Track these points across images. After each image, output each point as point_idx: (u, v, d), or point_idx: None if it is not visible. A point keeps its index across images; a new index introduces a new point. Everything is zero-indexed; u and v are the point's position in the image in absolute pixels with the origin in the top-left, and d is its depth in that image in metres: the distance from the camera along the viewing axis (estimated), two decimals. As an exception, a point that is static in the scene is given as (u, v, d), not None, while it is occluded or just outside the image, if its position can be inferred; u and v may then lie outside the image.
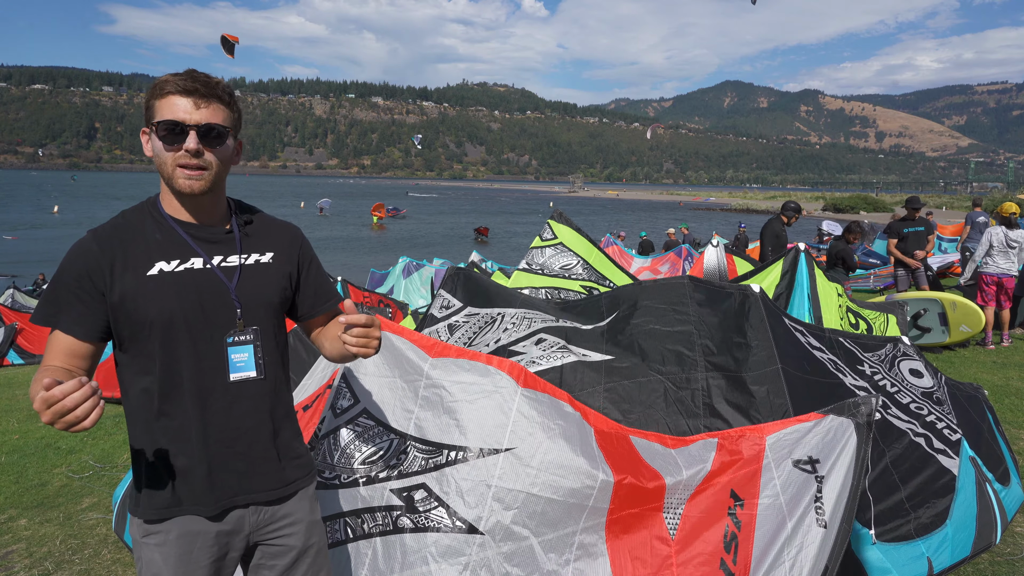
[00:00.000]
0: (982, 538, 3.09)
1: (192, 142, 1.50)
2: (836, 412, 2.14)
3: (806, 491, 2.09)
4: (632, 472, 2.15)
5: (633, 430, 2.23)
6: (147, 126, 1.55)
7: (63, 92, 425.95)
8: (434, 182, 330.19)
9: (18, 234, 36.27)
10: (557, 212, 5.18)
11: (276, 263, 1.68)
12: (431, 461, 2.29)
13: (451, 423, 2.26)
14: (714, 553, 2.09)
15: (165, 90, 1.51)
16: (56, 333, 1.50)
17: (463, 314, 3.43)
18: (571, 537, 2.12)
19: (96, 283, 1.50)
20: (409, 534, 2.27)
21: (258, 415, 1.63)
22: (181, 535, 1.56)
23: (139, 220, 1.59)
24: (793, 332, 3.40)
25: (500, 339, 3.20)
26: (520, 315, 3.33)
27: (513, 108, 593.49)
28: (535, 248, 4.87)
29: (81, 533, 3.63)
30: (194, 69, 1.56)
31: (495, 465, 2.15)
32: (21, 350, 11.28)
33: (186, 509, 1.57)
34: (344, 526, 2.33)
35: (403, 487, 2.32)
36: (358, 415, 2.42)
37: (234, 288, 1.59)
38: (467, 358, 2.30)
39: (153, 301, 1.51)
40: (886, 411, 3.32)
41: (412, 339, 2.36)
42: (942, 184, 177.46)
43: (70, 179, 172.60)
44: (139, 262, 1.53)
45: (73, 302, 1.50)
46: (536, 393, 2.23)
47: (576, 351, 3.05)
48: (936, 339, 7.75)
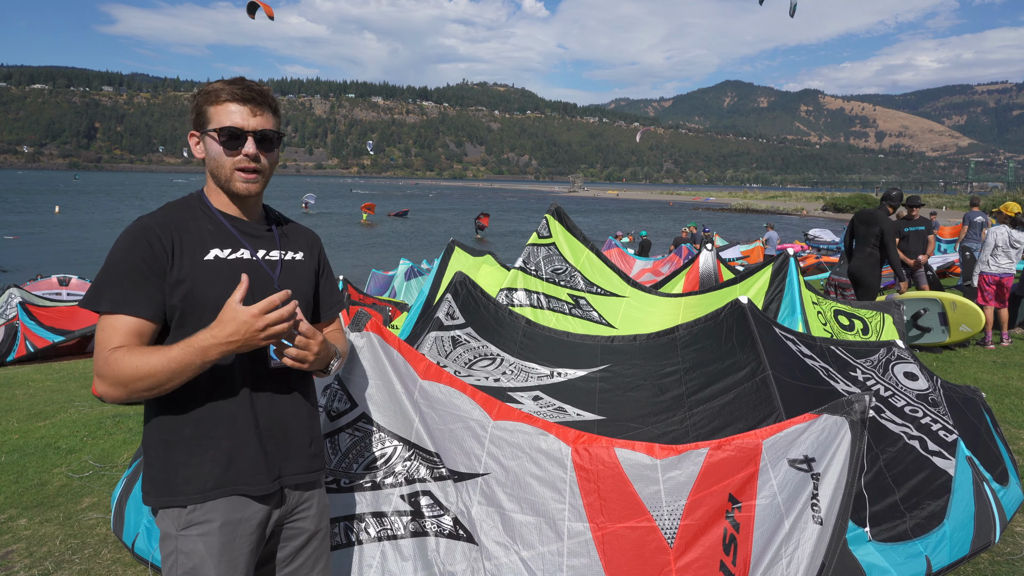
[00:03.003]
0: (980, 537, 3.09)
1: (251, 147, 1.61)
2: (830, 411, 2.16)
3: (802, 490, 2.12)
4: (607, 495, 2.19)
5: (619, 441, 2.26)
6: (197, 130, 1.64)
7: (63, 92, 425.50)
8: (434, 182, 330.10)
9: (19, 234, 36.26)
10: (554, 207, 5.12)
11: (306, 262, 1.81)
12: (435, 471, 2.36)
13: (441, 440, 2.35)
14: (713, 556, 2.11)
15: (221, 97, 1.60)
16: (118, 317, 1.50)
17: (466, 332, 3.48)
18: (558, 557, 2.18)
19: (161, 263, 1.54)
20: (415, 539, 2.32)
21: (295, 403, 1.74)
22: (225, 524, 1.60)
23: (189, 211, 1.65)
24: (784, 341, 3.42)
25: (500, 380, 3.27)
26: (518, 367, 3.41)
27: (513, 108, 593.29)
28: (532, 245, 4.84)
29: (81, 533, 3.63)
30: (243, 77, 1.66)
31: (475, 486, 2.30)
32: (47, 327, 10.67)
33: (237, 489, 1.62)
34: (344, 530, 2.34)
35: (411, 493, 2.37)
36: (356, 419, 2.43)
37: (277, 280, 1.69)
38: (452, 386, 2.38)
39: (210, 285, 1.58)
40: (880, 415, 3.33)
41: (406, 355, 2.39)
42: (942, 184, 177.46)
43: (73, 178, 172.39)
44: (196, 247, 1.59)
45: (141, 283, 1.52)
46: (508, 423, 2.32)
47: (571, 411, 3.11)
48: (936, 339, 7.75)
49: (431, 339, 3.37)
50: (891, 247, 7.23)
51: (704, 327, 3.42)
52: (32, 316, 10.84)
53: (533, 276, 4.61)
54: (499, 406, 2.36)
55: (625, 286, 5.07)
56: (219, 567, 1.59)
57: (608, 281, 5.02)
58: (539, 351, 3.57)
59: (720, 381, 3.04)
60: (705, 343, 3.33)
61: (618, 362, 3.46)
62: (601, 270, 5.06)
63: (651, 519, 2.14)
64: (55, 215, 51.77)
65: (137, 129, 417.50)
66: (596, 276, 4.99)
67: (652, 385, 3.22)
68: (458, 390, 2.38)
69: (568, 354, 3.57)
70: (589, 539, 2.16)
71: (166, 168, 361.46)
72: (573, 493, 2.20)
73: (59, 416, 5.95)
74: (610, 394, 3.24)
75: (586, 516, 2.19)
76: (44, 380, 7.88)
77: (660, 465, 2.17)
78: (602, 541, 2.16)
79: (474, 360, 3.37)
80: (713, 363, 3.17)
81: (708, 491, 2.15)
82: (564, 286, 4.72)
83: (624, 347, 3.57)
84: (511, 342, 3.57)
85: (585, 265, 4.97)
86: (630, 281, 5.17)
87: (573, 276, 4.83)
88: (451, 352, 3.36)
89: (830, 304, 5.61)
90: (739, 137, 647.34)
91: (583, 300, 4.69)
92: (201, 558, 1.57)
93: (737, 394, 2.93)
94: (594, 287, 4.86)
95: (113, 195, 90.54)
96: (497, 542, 2.25)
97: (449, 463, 2.35)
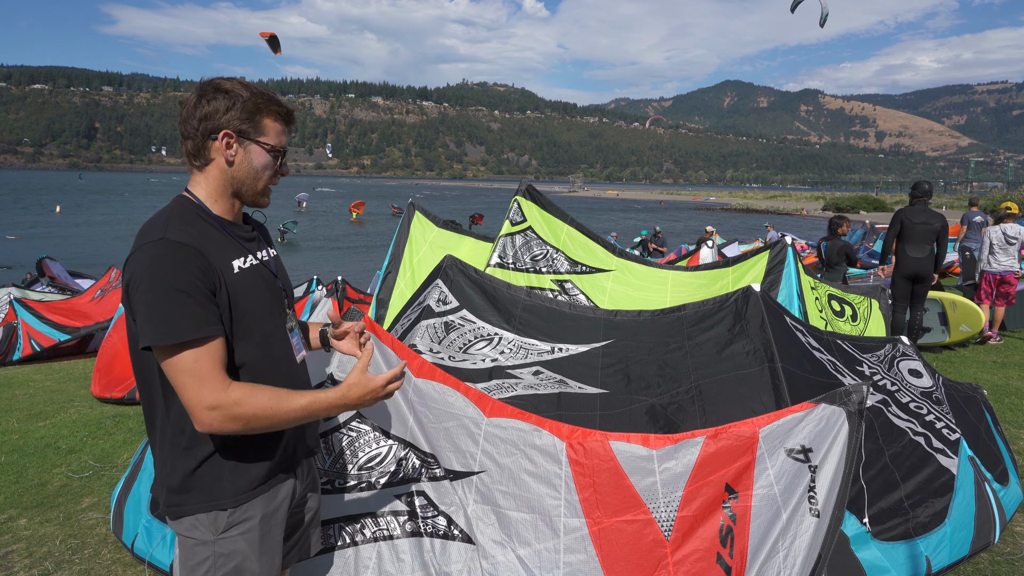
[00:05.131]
0: (980, 537, 3.09)
1: (286, 167, 1.68)
2: (828, 401, 2.14)
3: (799, 480, 2.10)
4: (603, 489, 2.19)
5: (614, 434, 2.24)
6: (236, 132, 1.57)
7: (63, 92, 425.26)
8: (435, 182, 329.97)
9: (22, 234, 36.24)
10: (526, 187, 4.88)
11: (278, 256, 1.89)
12: (430, 471, 2.35)
13: (435, 439, 2.35)
14: (710, 549, 2.09)
15: (273, 110, 1.60)
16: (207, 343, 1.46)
17: (459, 316, 3.38)
18: (555, 554, 2.17)
19: (212, 281, 1.50)
20: (411, 539, 2.31)
21: (307, 381, 1.86)
22: (263, 517, 1.62)
23: (197, 222, 1.58)
24: (794, 331, 3.39)
25: (497, 360, 3.19)
26: (517, 344, 3.32)
27: (513, 108, 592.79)
28: (505, 236, 4.63)
29: (81, 533, 3.63)
30: (276, 93, 1.63)
31: (471, 485, 2.29)
32: (50, 322, 10.35)
33: (280, 478, 1.68)
34: (340, 532, 2.32)
35: (406, 493, 2.35)
36: (350, 419, 2.41)
37: (279, 279, 1.75)
38: (446, 384, 2.37)
39: (245, 295, 1.58)
40: (887, 408, 3.32)
41: (399, 352, 2.38)
42: (942, 184, 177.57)
43: (77, 178, 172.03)
44: (223, 260, 1.56)
45: (206, 302, 1.47)
46: (503, 420, 2.31)
47: (572, 385, 3.07)
48: (936, 339, 7.76)
49: (422, 328, 3.27)
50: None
51: (712, 308, 3.31)
52: (31, 310, 10.59)
53: (511, 270, 4.44)
54: (492, 403, 2.34)
55: (611, 257, 4.93)
56: (261, 560, 1.60)
57: (592, 255, 4.87)
58: (540, 326, 3.46)
59: (728, 360, 2.97)
60: (713, 325, 3.23)
61: (621, 337, 3.36)
62: (584, 244, 4.90)
63: (647, 512, 2.13)
64: (55, 215, 51.76)
65: (137, 129, 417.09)
66: (579, 252, 4.82)
67: (656, 359, 3.13)
68: (451, 388, 2.36)
69: (570, 328, 3.46)
70: (586, 534, 2.15)
71: (166, 168, 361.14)
72: (569, 489, 2.19)
73: (59, 416, 5.95)
74: (612, 368, 3.16)
75: (582, 511, 2.17)
76: (44, 380, 7.87)
77: (656, 456, 2.15)
78: (598, 536, 2.15)
79: (470, 343, 3.27)
80: (721, 345, 3.09)
81: (705, 481, 2.12)
82: (546, 272, 4.56)
83: (628, 322, 3.46)
84: (510, 318, 3.46)
85: (566, 242, 4.80)
86: (615, 251, 5.02)
87: (555, 259, 4.66)
88: (444, 338, 3.26)
89: (825, 288, 5.57)
90: (739, 137, 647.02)
91: (568, 283, 4.54)
92: (244, 555, 1.57)
93: (745, 377, 2.87)
94: (578, 266, 4.70)
95: (118, 195, 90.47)
96: (494, 540, 2.24)
97: (444, 462, 2.34)
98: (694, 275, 4.98)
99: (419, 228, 5.27)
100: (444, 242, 5.21)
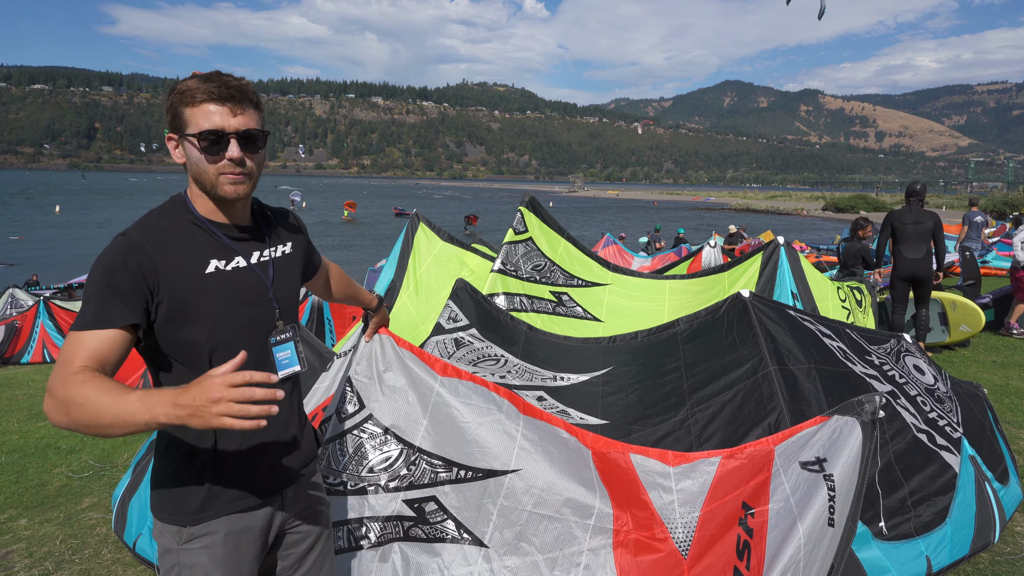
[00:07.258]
0: (980, 537, 3.09)
1: (235, 151, 1.48)
2: (841, 412, 2.15)
3: (815, 491, 2.11)
4: (627, 500, 2.20)
5: (634, 447, 2.25)
6: (174, 133, 1.50)
7: (63, 92, 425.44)
8: (435, 182, 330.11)
9: (23, 234, 36.23)
10: (528, 198, 4.99)
11: (295, 253, 1.75)
12: (441, 475, 2.34)
13: (460, 442, 2.32)
14: (727, 564, 2.11)
15: (197, 98, 1.46)
16: (91, 333, 1.38)
17: (469, 333, 3.47)
18: (577, 557, 2.19)
19: (148, 282, 1.43)
20: (420, 544, 2.31)
21: (291, 401, 1.72)
22: (228, 534, 1.56)
23: (175, 221, 1.54)
24: (800, 321, 3.41)
25: (505, 378, 3.26)
26: (523, 368, 3.41)
27: (513, 108, 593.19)
28: (509, 243, 4.73)
29: (81, 533, 3.63)
30: (220, 72, 1.50)
31: (502, 485, 2.27)
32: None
33: (254, 503, 1.59)
34: (347, 534, 2.33)
35: (414, 498, 2.35)
36: (364, 420, 2.42)
37: (272, 287, 1.62)
38: (474, 382, 2.36)
39: (212, 299, 1.50)
40: (895, 400, 3.32)
41: (420, 356, 2.38)
42: (942, 184, 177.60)
43: (80, 179, 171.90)
44: (194, 261, 1.50)
45: (129, 298, 1.41)
46: (535, 420, 2.32)
47: (574, 415, 3.11)
48: (936, 339, 7.75)
49: (432, 344, 3.36)
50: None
51: (704, 321, 3.39)
52: (55, 320, 10.41)
53: (513, 277, 4.53)
54: (524, 402, 2.34)
55: (606, 272, 5.05)
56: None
57: (588, 270, 4.96)
58: (542, 356, 3.56)
59: (722, 378, 3.03)
60: (706, 338, 3.31)
61: (620, 363, 3.45)
62: (580, 260, 5.00)
63: (665, 530, 2.15)
64: (55, 215, 51.77)
65: (137, 129, 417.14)
66: (575, 267, 4.92)
67: (653, 384, 3.21)
68: (481, 385, 2.35)
69: (571, 359, 3.56)
70: (608, 544, 2.18)
71: (166, 168, 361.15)
72: (602, 496, 2.22)
73: (59, 416, 5.95)
74: (612, 397, 3.23)
75: (611, 519, 2.20)
76: (44, 380, 7.88)
77: (673, 473, 2.17)
78: (618, 547, 2.17)
79: (478, 360, 3.35)
80: (714, 359, 3.16)
81: (721, 501, 2.14)
82: (545, 283, 4.65)
83: (625, 347, 3.56)
84: (515, 345, 3.57)
85: (563, 257, 4.90)
86: (610, 266, 5.14)
87: (553, 271, 4.76)
88: (454, 353, 3.35)
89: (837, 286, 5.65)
90: (739, 137, 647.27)
91: (565, 296, 4.63)
92: (205, 570, 1.54)
93: (739, 391, 2.92)
94: (574, 279, 4.80)
95: (122, 195, 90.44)
96: (509, 543, 2.24)
97: (471, 461, 2.32)
98: (690, 282, 5.05)
99: (424, 240, 5.34)
100: (449, 256, 5.25)
